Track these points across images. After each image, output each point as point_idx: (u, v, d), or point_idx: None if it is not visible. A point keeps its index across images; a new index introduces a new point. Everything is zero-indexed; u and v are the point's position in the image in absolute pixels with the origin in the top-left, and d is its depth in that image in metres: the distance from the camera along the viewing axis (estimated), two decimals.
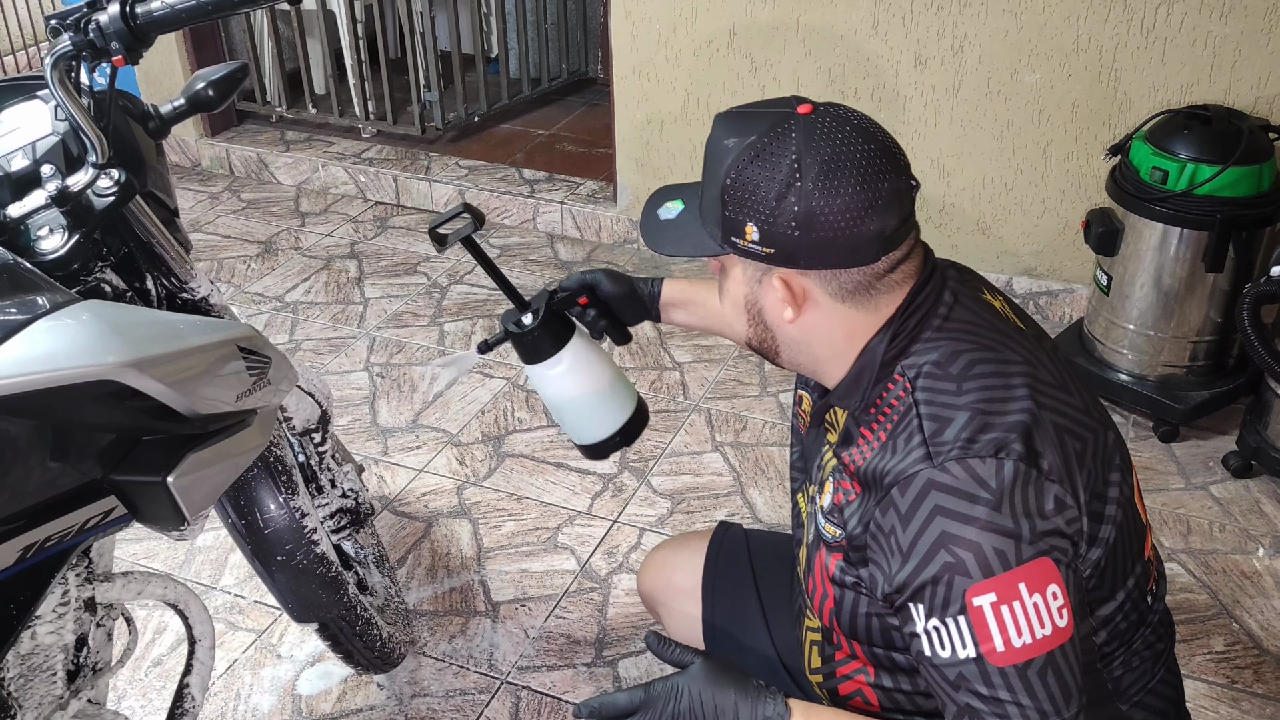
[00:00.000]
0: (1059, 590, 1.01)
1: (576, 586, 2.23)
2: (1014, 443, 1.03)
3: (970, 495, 1.01)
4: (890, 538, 1.05)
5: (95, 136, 1.19)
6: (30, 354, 1.01)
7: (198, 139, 4.14)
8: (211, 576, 2.27)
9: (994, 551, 1.00)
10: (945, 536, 1.01)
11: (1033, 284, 3.10)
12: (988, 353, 1.09)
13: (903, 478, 1.05)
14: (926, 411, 1.06)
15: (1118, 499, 1.11)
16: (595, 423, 1.51)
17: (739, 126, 1.09)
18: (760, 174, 1.05)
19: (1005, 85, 2.89)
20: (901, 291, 1.11)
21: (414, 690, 2.00)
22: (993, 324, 1.13)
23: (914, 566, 1.03)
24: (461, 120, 4.13)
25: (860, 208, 1.04)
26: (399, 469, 2.57)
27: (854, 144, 1.05)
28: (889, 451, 1.07)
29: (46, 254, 1.19)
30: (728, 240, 1.10)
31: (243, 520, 1.56)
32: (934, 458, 1.03)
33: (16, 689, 1.17)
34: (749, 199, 1.06)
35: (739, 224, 1.07)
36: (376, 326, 3.14)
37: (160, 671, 2.04)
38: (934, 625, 1.03)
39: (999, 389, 1.06)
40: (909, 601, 1.04)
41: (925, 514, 1.02)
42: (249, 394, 1.26)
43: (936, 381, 1.08)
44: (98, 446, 1.13)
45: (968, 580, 1.00)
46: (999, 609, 1.00)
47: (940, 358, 1.09)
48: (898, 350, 1.11)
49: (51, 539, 1.09)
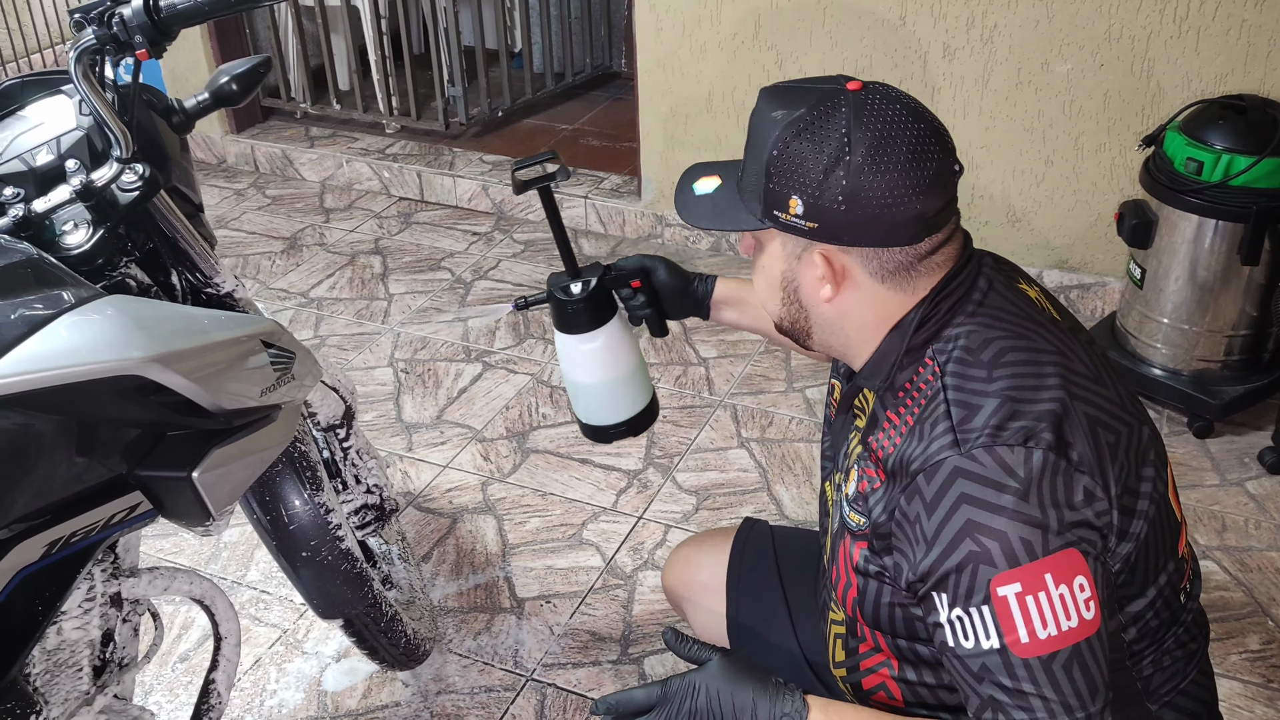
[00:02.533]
0: (1086, 583, 0.99)
1: (602, 583, 2.21)
2: (1043, 431, 1.01)
3: (997, 484, 0.99)
4: (915, 525, 1.04)
5: (119, 131, 1.19)
6: (55, 349, 1.00)
7: (223, 135, 4.15)
8: (237, 572, 2.27)
9: (1020, 541, 0.98)
10: (971, 525, 1.00)
11: (1064, 277, 3.07)
12: (1020, 340, 1.08)
13: (929, 464, 1.03)
14: (955, 397, 1.05)
15: (1151, 494, 1.09)
16: (608, 407, 1.50)
17: (786, 100, 1.08)
18: (808, 147, 1.04)
19: (1036, 76, 2.85)
20: (938, 274, 1.10)
21: (439, 687, 1.99)
22: (1027, 313, 1.12)
23: (938, 554, 1.01)
24: (485, 115, 4.12)
25: (907, 187, 1.03)
26: (424, 465, 2.57)
27: (904, 122, 1.04)
28: (916, 437, 1.06)
29: (71, 249, 1.19)
30: (769, 214, 1.08)
31: (267, 516, 1.56)
32: (961, 445, 1.02)
33: (43, 684, 1.17)
34: (795, 171, 1.04)
35: (783, 197, 1.06)
36: (401, 322, 3.14)
37: (186, 667, 2.05)
38: (957, 615, 1.01)
39: (1030, 377, 1.05)
40: (932, 590, 1.03)
41: (951, 502, 1.01)
42: (273, 389, 1.25)
43: (967, 368, 1.06)
44: (123, 442, 1.12)
45: (992, 570, 0.99)
46: (1024, 600, 0.98)
47: (971, 343, 1.07)
48: (929, 334, 1.09)
49: (77, 534, 1.09)
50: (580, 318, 1.44)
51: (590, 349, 1.45)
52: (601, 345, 1.45)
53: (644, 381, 1.52)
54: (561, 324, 1.46)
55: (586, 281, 1.43)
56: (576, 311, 1.43)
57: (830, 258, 1.08)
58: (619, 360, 1.47)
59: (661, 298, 1.50)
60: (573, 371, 1.49)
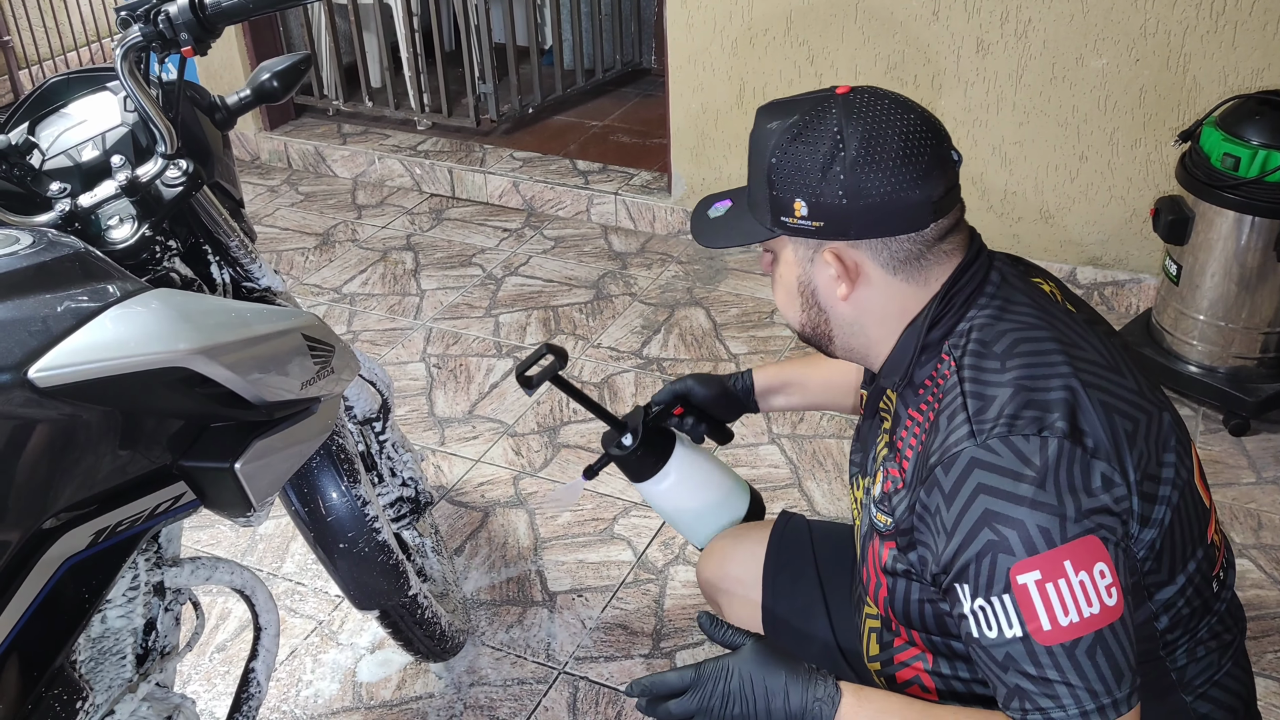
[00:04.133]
0: (1107, 569, 1.00)
1: (633, 577, 2.22)
2: (1057, 420, 1.02)
3: (1014, 473, 1.00)
4: (935, 517, 1.05)
5: (164, 127, 1.21)
6: (102, 341, 1.02)
7: (257, 132, 4.19)
8: (273, 564, 2.29)
9: (1038, 529, 0.99)
10: (989, 514, 1.00)
11: (1098, 274, 3.04)
12: (1032, 331, 1.09)
13: (947, 456, 1.04)
14: (970, 389, 1.06)
15: (1174, 480, 1.09)
16: (710, 526, 1.55)
17: (780, 112, 1.11)
18: (804, 149, 1.07)
19: (1070, 71, 2.83)
20: (950, 265, 1.12)
21: (472, 679, 2.01)
22: (1039, 304, 1.13)
23: (958, 545, 1.02)
24: (516, 112, 4.14)
25: (906, 173, 1.05)
26: (456, 459, 2.59)
27: (893, 113, 1.07)
28: (935, 431, 1.07)
29: (117, 243, 1.21)
30: (777, 221, 1.11)
31: (305, 507, 1.57)
32: (977, 435, 1.03)
33: (87, 671, 1.19)
34: (795, 174, 1.07)
35: (787, 201, 1.09)
36: (433, 318, 3.16)
37: (224, 657, 2.07)
38: (980, 605, 1.02)
39: (1042, 366, 1.06)
40: (955, 582, 1.04)
41: (969, 492, 1.02)
42: (313, 382, 1.27)
43: (980, 359, 1.08)
44: (167, 433, 1.14)
45: (1011, 558, 1.00)
46: (1044, 587, 0.99)
47: (985, 336, 1.09)
48: (944, 329, 1.11)
49: (123, 524, 1.10)
50: (645, 463, 1.49)
51: (668, 486, 1.50)
52: (676, 478, 1.50)
53: (735, 490, 1.56)
54: (633, 475, 1.51)
55: (634, 429, 1.47)
56: (639, 460, 1.48)
57: (841, 255, 1.10)
58: (700, 482, 1.52)
59: (708, 411, 1.55)
60: (665, 509, 1.54)
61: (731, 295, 3.20)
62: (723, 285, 3.25)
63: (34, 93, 1.38)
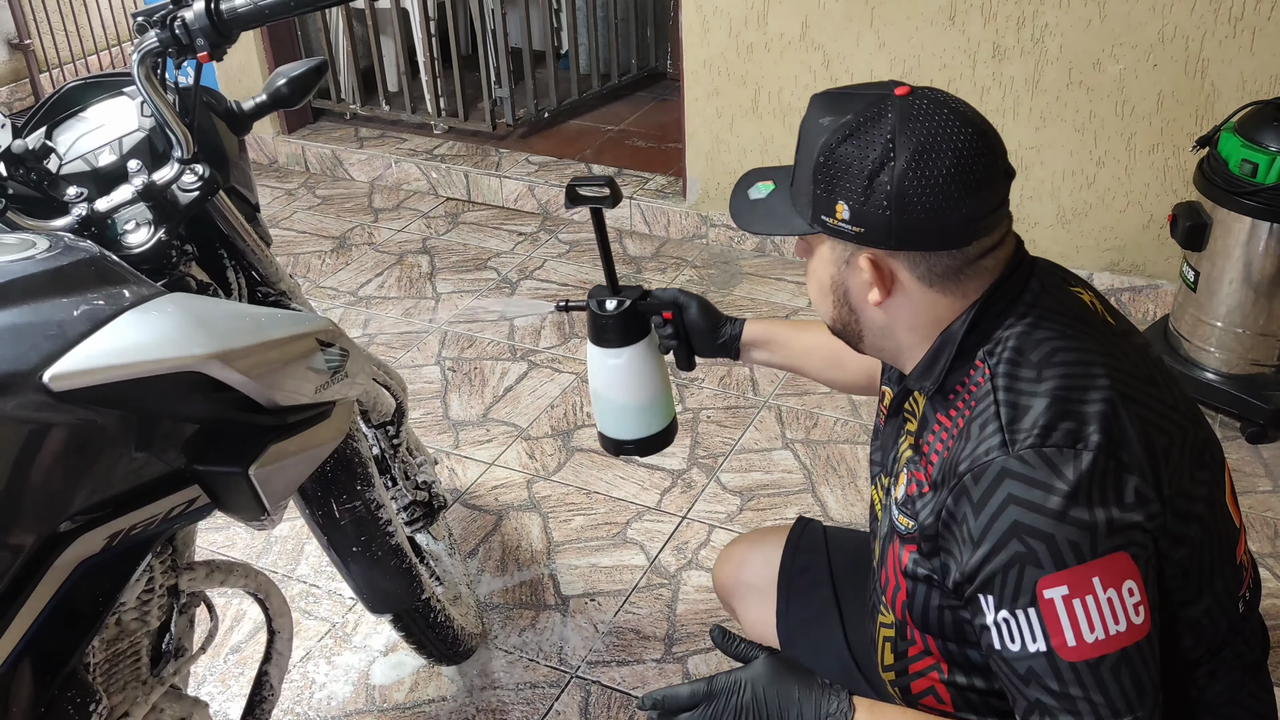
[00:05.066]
0: (1135, 587, 0.98)
1: (646, 582, 2.22)
2: (1093, 433, 1.00)
3: (1045, 485, 0.99)
4: (962, 525, 1.03)
5: (180, 132, 1.21)
6: (118, 345, 1.02)
7: (275, 136, 4.21)
8: (287, 566, 2.30)
9: (1068, 543, 0.98)
10: (1018, 526, 0.99)
11: (1115, 279, 3.03)
12: (1070, 341, 1.07)
13: (977, 465, 1.02)
14: (1005, 398, 1.04)
15: (1206, 498, 1.08)
16: (621, 423, 1.55)
17: (835, 106, 1.08)
18: (853, 152, 1.04)
19: (1088, 76, 2.82)
20: (989, 279, 1.09)
21: (485, 682, 2.01)
22: (1077, 314, 1.11)
23: (984, 554, 1.01)
24: (532, 116, 4.15)
25: (954, 191, 1.02)
26: (470, 462, 2.59)
27: (951, 127, 1.03)
28: (965, 438, 1.06)
29: (133, 247, 1.22)
30: (818, 219, 1.09)
31: (320, 511, 1.58)
32: (1010, 445, 1.01)
33: (102, 674, 1.19)
34: (841, 176, 1.05)
35: (829, 202, 1.06)
36: (448, 321, 3.17)
37: (239, 659, 2.08)
38: (1004, 617, 1.01)
39: (1080, 378, 1.04)
40: (979, 592, 1.03)
41: (998, 502, 1.00)
42: (327, 386, 1.27)
43: (1016, 368, 1.05)
44: (181, 437, 1.14)
45: (1039, 571, 0.98)
46: (1070, 602, 0.97)
47: (1021, 344, 1.07)
48: (980, 336, 1.09)
49: (137, 527, 1.11)
50: (611, 333, 1.49)
51: (613, 365, 1.50)
52: (625, 363, 1.50)
53: (662, 408, 1.55)
54: (593, 336, 1.51)
55: (622, 300, 1.48)
56: (608, 326, 1.48)
57: (878, 262, 1.08)
58: (639, 382, 1.51)
59: (690, 335, 1.52)
60: (596, 382, 1.54)
61: (747, 300, 3.19)
62: (738, 290, 3.25)
63: (51, 97, 1.39)
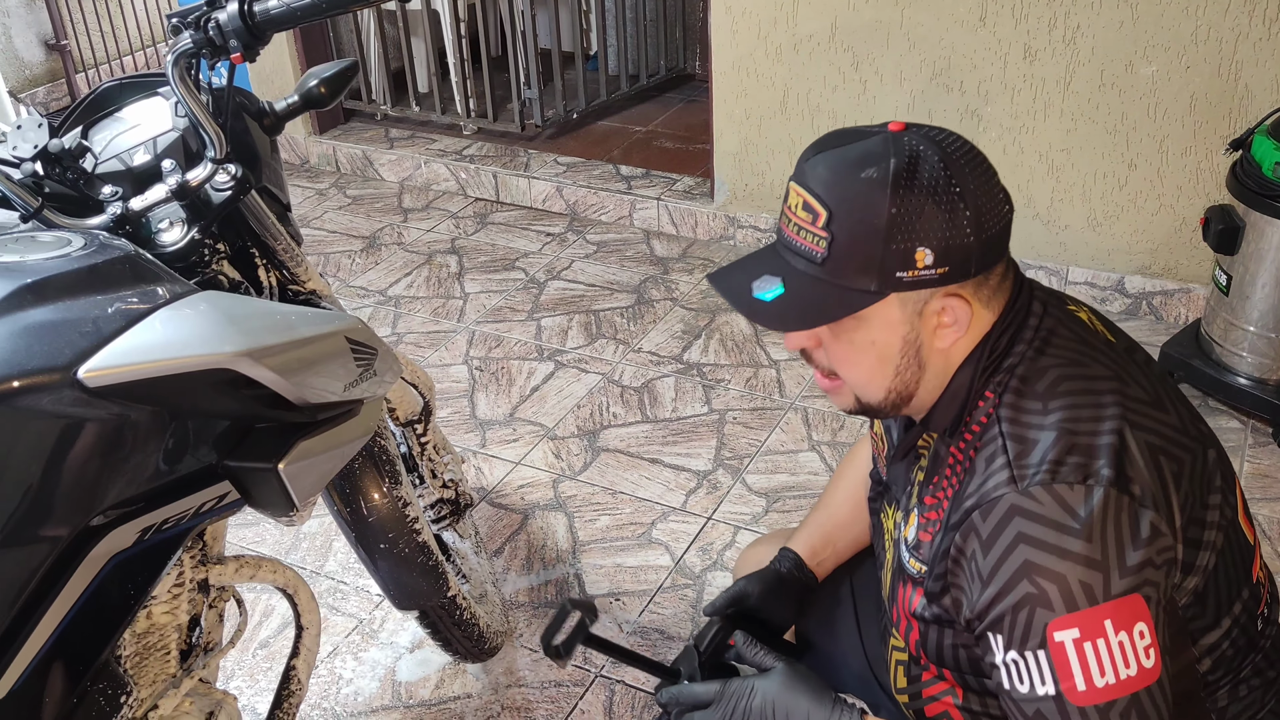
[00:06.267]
0: (1146, 630, 0.96)
1: (670, 582, 2.22)
2: (1103, 468, 0.98)
3: (1057, 524, 0.96)
4: (971, 562, 1.01)
5: (214, 132, 1.23)
6: (151, 342, 1.04)
7: (306, 136, 4.24)
8: (315, 562, 2.32)
9: (1080, 585, 0.95)
10: (1029, 566, 0.97)
11: (1146, 283, 3.00)
12: (1075, 368, 1.05)
13: (985, 501, 1.00)
14: (1011, 431, 1.02)
15: (1218, 522, 1.06)
16: None
17: (858, 160, 1.01)
18: (923, 194, 0.99)
19: (1120, 78, 2.80)
20: (1007, 290, 1.08)
21: (509, 680, 2.02)
22: (1081, 336, 1.09)
23: (994, 594, 0.99)
24: (560, 117, 4.16)
25: (998, 191, 1.04)
26: (496, 461, 2.60)
27: (955, 139, 1.04)
28: (972, 473, 1.04)
29: (167, 246, 1.23)
30: (888, 280, 1.01)
31: (347, 508, 1.59)
32: (1019, 481, 0.99)
33: (132, 666, 1.21)
34: (919, 222, 0.99)
35: (907, 254, 0.99)
36: (476, 321, 3.19)
37: (267, 654, 2.10)
38: (1013, 658, 0.99)
39: (1087, 407, 1.01)
40: (988, 631, 1.01)
41: (1008, 541, 0.98)
42: (356, 384, 1.28)
43: (1022, 399, 1.03)
44: (212, 433, 1.16)
45: (1050, 614, 0.96)
46: (1081, 646, 0.95)
47: (1027, 373, 1.05)
48: (992, 365, 1.07)
49: (168, 522, 1.13)
50: None
51: None
52: None
53: None
54: None
55: (690, 676, 1.28)
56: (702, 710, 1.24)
57: (957, 296, 1.04)
58: None
59: (764, 614, 1.37)
60: None
61: None
62: None
63: (87, 97, 1.41)
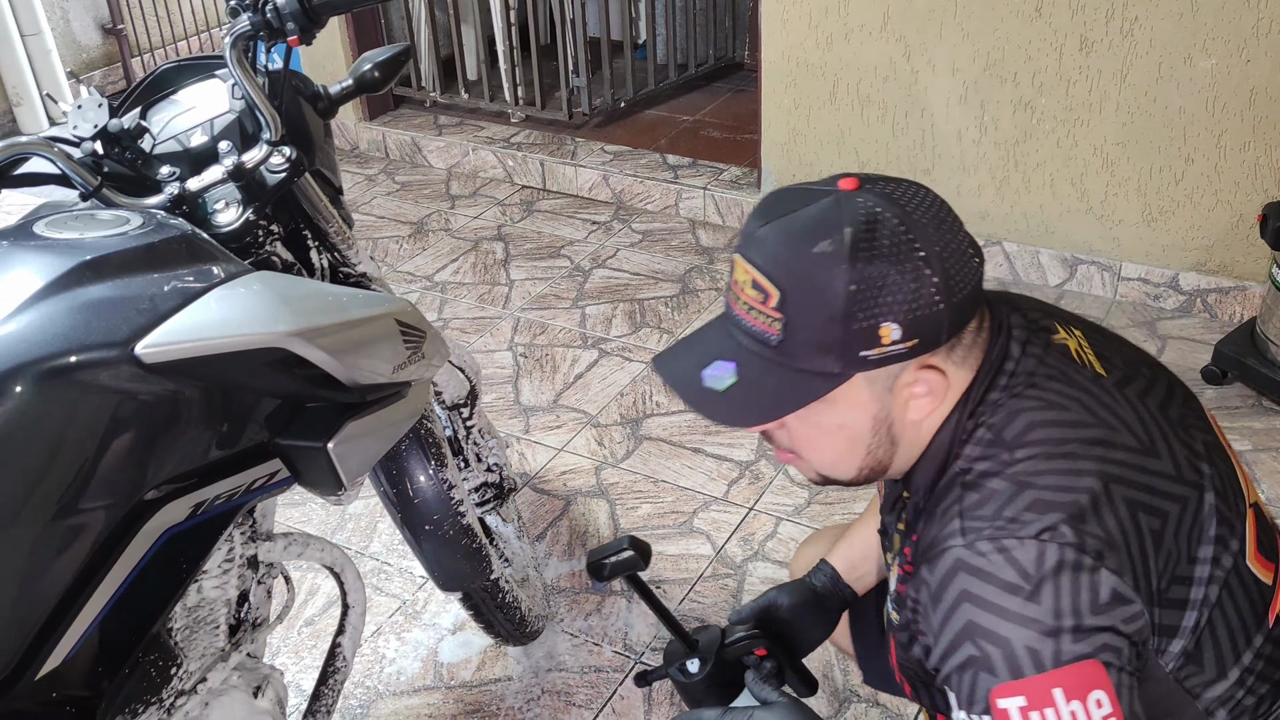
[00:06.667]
0: (1106, 698, 0.86)
1: (711, 571, 2.22)
2: (1062, 524, 0.90)
3: (1004, 582, 0.89)
4: (923, 615, 0.96)
5: (270, 115, 1.24)
6: (206, 320, 1.06)
7: (356, 123, 4.28)
8: (360, 543, 2.35)
9: (1025, 650, 0.88)
10: (971, 627, 0.90)
11: (1201, 280, 2.95)
12: (1051, 413, 0.97)
13: (933, 551, 0.94)
14: (970, 480, 0.95)
15: (1208, 577, 0.98)
16: None
17: (810, 229, 0.92)
18: (883, 264, 0.90)
19: (1178, 70, 2.75)
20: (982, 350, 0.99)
21: (550, 664, 2.03)
22: (1064, 374, 1.00)
23: (941, 652, 0.93)
24: (608, 106, 4.16)
25: (968, 246, 0.94)
26: (539, 447, 2.62)
27: (922, 191, 0.96)
28: (930, 519, 0.98)
29: (222, 226, 1.25)
30: (853, 361, 0.93)
31: (394, 489, 1.61)
32: (965, 534, 0.92)
33: (182, 639, 1.23)
34: (881, 295, 0.90)
35: (870, 331, 0.91)
36: (521, 307, 3.20)
37: (311, 632, 2.13)
38: (964, 718, 0.92)
39: (1060, 458, 0.94)
40: (944, 685, 0.95)
41: (952, 598, 0.92)
42: (404, 366, 1.30)
43: (987, 448, 0.96)
44: (264, 412, 1.17)
45: (993, 679, 0.89)
46: (1028, 714, 0.87)
47: (996, 419, 0.97)
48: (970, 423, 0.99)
49: (220, 497, 1.15)
50: (708, 698, 1.28)
51: None
52: None
53: None
54: (691, 703, 1.31)
55: (704, 656, 1.27)
56: (702, 692, 1.28)
57: (930, 366, 0.96)
58: None
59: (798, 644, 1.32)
60: None
61: None
62: None
63: (146, 79, 1.43)
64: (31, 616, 0.99)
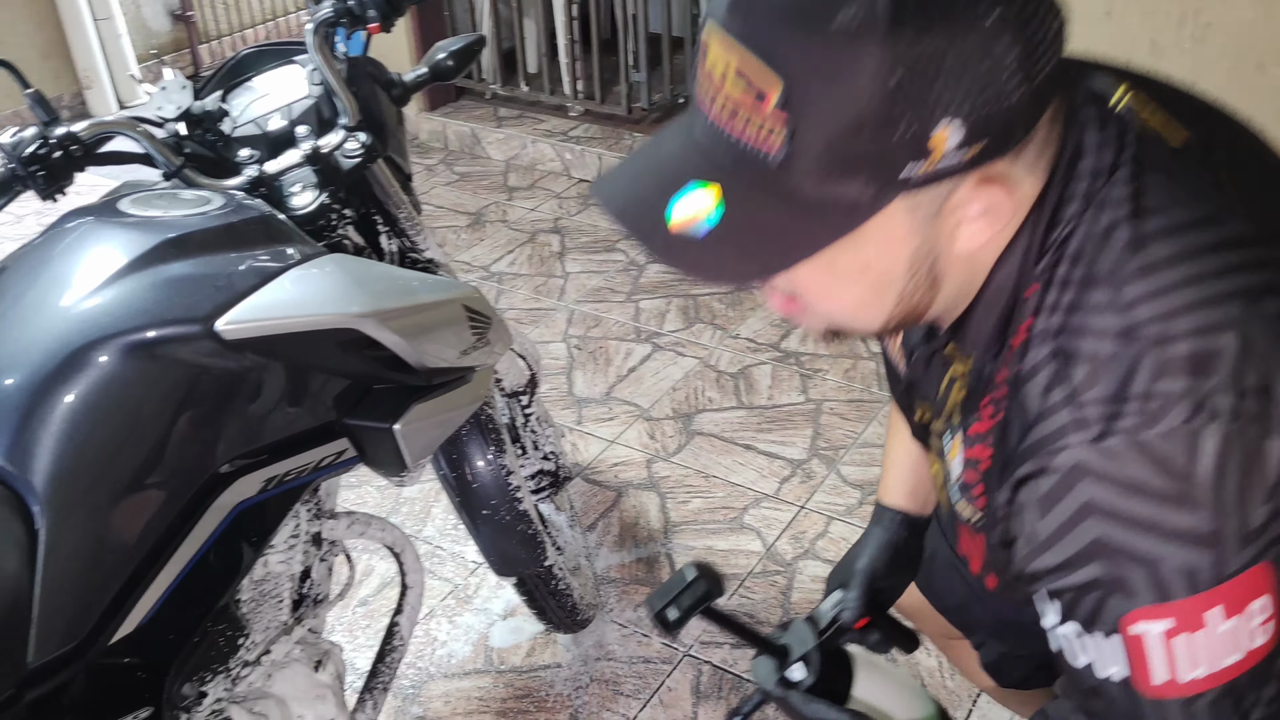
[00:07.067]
0: (1270, 601, 0.69)
1: (761, 568, 2.23)
2: (1217, 390, 0.66)
3: (1145, 491, 0.67)
4: (1022, 519, 0.75)
5: (348, 100, 1.27)
6: (282, 299, 1.08)
7: (418, 113, 4.32)
8: (414, 527, 2.38)
9: (1179, 571, 0.68)
10: (1100, 545, 0.69)
11: None
12: (1153, 221, 0.71)
13: (1042, 450, 0.71)
14: (1066, 345, 0.70)
15: None
16: None
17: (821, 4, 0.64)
18: (938, 36, 0.63)
19: (1250, 78, 2.70)
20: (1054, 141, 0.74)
21: (599, 653, 2.05)
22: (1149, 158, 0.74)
23: (1053, 565, 0.73)
24: (667, 101, 4.16)
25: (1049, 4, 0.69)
26: (592, 439, 2.63)
27: None
28: (1018, 406, 0.74)
29: (298, 209, 1.28)
30: (890, 182, 0.67)
31: (454, 473, 1.63)
32: (1082, 426, 0.68)
33: (249, 611, 1.26)
34: (936, 79, 0.64)
35: (919, 138, 0.65)
36: (576, 300, 3.22)
37: (366, 611, 2.16)
38: (1074, 631, 0.74)
39: (1182, 287, 0.68)
40: (1045, 593, 0.76)
41: (1073, 508, 0.70)
42: (469, 352, 1.32)
43: (1080, 290, 0.71)
44: (334, 391, 1.20)
45: (1129, 603, 0.70)
46: (1171, 639, 0.69)
47: (1086, 247, 0.71)
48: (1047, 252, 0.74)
49: (290, 474, 1.17)
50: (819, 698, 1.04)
51: None
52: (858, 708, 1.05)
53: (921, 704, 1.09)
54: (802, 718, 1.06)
55: (805, 657, 1.02)
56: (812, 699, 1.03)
57: (995, 176, 0.70)
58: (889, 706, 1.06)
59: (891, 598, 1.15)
60: None
61: None
62: None
63: (228, 63, 1.46)
64: (108, 583, 1.02)
